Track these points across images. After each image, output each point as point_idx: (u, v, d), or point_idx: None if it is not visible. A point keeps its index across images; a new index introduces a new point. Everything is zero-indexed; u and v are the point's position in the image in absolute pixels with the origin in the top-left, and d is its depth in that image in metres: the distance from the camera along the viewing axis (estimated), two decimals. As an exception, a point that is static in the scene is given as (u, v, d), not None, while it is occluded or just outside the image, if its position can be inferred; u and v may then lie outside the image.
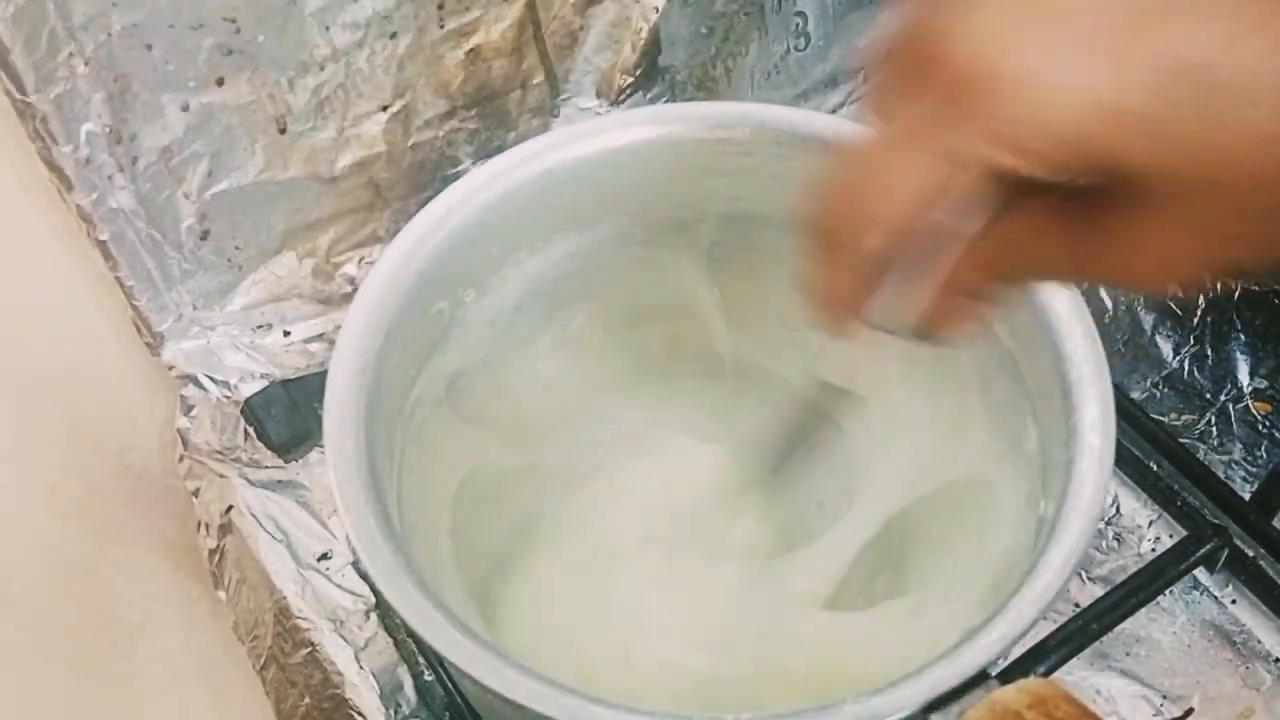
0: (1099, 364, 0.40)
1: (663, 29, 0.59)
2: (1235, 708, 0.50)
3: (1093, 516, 0.37)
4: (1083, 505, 0.38)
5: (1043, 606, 0.36)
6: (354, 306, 0.43)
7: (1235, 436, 0.59)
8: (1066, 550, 0.37)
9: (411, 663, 0.52)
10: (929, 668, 0.35)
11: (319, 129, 0.55)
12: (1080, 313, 0.41)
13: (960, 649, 0.35)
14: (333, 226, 0.58)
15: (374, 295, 0.43)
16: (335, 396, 0.41)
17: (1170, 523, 0.55)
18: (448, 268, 0.46)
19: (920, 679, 0.35)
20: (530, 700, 0.34)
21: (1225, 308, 0.63)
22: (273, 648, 0.55)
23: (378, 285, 0.44)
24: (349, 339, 0.42)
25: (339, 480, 0.39)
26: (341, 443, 0.40)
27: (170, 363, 0.56)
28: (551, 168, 0.47)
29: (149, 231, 0.53)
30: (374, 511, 0.39)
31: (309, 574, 0.54)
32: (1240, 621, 0.52)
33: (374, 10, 0.53)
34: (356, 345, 0.42)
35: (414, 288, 0.44)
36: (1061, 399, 0.40)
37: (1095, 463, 0.38)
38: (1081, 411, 0.39)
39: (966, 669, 0.35)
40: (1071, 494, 0.38)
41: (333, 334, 0.59)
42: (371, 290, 0.43)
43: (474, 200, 0.46)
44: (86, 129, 0.49)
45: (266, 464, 0.58)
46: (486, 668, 0.35)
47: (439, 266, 0.45)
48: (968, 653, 0.35)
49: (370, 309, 0.43)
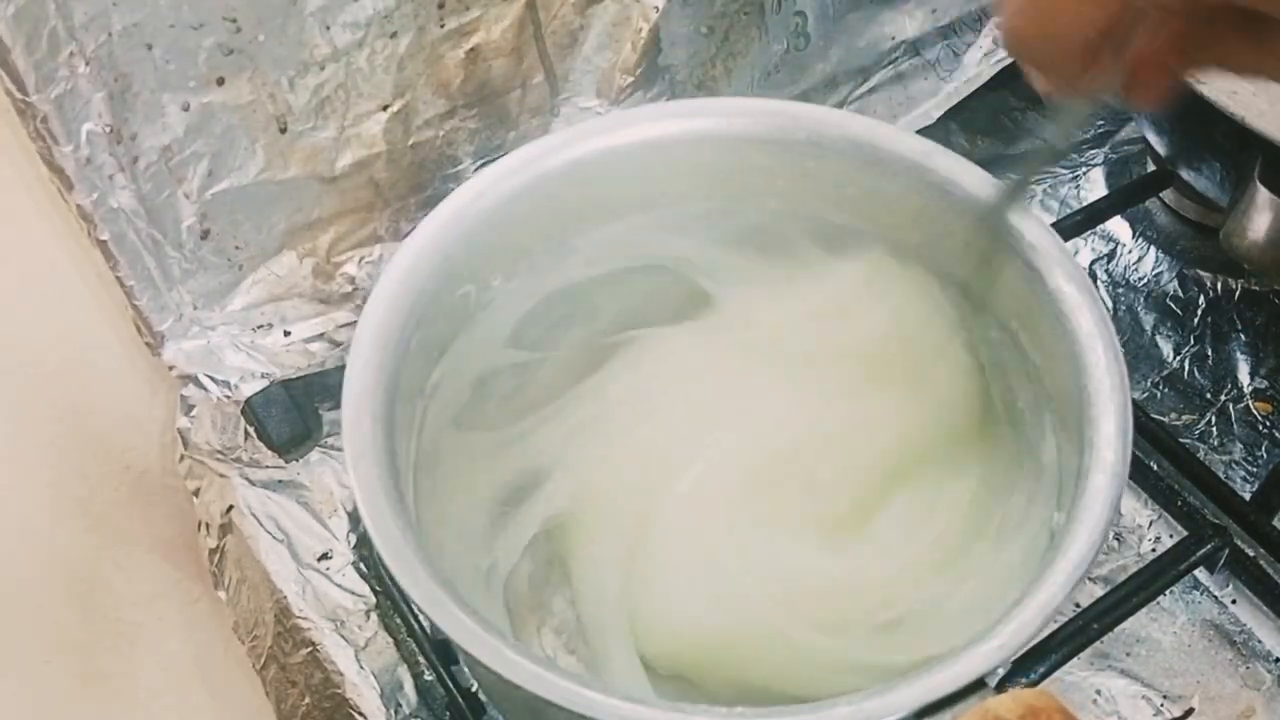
0: (1120, 379, 0.40)
1: (663, 29, 0.59)
2: (1235, 708, 0.50)
3: (1102, 531, 0.37)
4: (1093, 519, 0.37)
5: (1046, 618, 0.36)
6: (377, 287, 0.43)
7: (1236, 436, 0.59)
8: (1073, 563, 0.37)
9: (412, 663, 0.52)
10: (925, 672, 0.35)
11: (319, 129, 0.55)
12: (1104, 327, 0.41)
13: (960, 656, 0.35)
14: (333, 226, 0.58)
15: (398, 276, 0.43)
16: (355, 374, 0.41)
17: (1170, 523, 0.55)
18: (475, 252, 0.46)
19: (915, 684, 0.34)
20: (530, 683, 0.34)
21: (1225, 307, 0.63)
22: (273, 647, 0.55)
23: (403, 266, 0.43)
24: (371, 318, 0.42)
25: (353, 460, 0.39)
26: (358, 423, 0.40)
27: (170, 363, 0.56)
28: (581, 157, 0.47)
29: (149, 231, 0.53)
30: (386, 491, 0.38)
31: (309, 574, 0.54)
32: (1240, 621, 0.53)
33: (374, 10, 0.53)
34: (378, 324, 0.42)
35: (439, 270, 0.44)
36: (1080, 411, 0.40)
37: (1110, 477, 0.38)
38: (1099, 425, 0.39)
39: (963, 676, 0.34)
40: (1082, 507, 0.38)
41: (333, 334, 0.59)
42: (396, 271, 0.43)
43: (503, 185, 0.46)
44: (87, 129, 0.49)
45: (267, 464, 0.58)
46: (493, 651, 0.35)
47: (466, 250, 0.45)
48: (966, 660, 0.35)
49: (393, 291, 0.43)
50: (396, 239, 0.60)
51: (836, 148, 0.47)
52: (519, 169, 0.46)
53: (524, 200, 0.46)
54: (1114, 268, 0.66)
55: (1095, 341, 0.41)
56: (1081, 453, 0.39)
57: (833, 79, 0.69)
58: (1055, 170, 0.71)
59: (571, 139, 0.47)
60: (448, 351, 0.46)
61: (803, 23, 0.65)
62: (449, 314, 0.46)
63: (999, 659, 0.35)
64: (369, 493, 0.38)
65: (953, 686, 0.34)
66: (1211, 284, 0.64)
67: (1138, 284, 0.65)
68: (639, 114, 0.49)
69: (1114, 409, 0.40)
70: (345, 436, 0.39)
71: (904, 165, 0.46)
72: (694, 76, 0.63)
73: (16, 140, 0.48)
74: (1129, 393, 0.40)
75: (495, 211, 0.46)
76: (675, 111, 0.49)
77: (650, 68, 0.61)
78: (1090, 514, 0.38)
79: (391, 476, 0.39)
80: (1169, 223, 0.68)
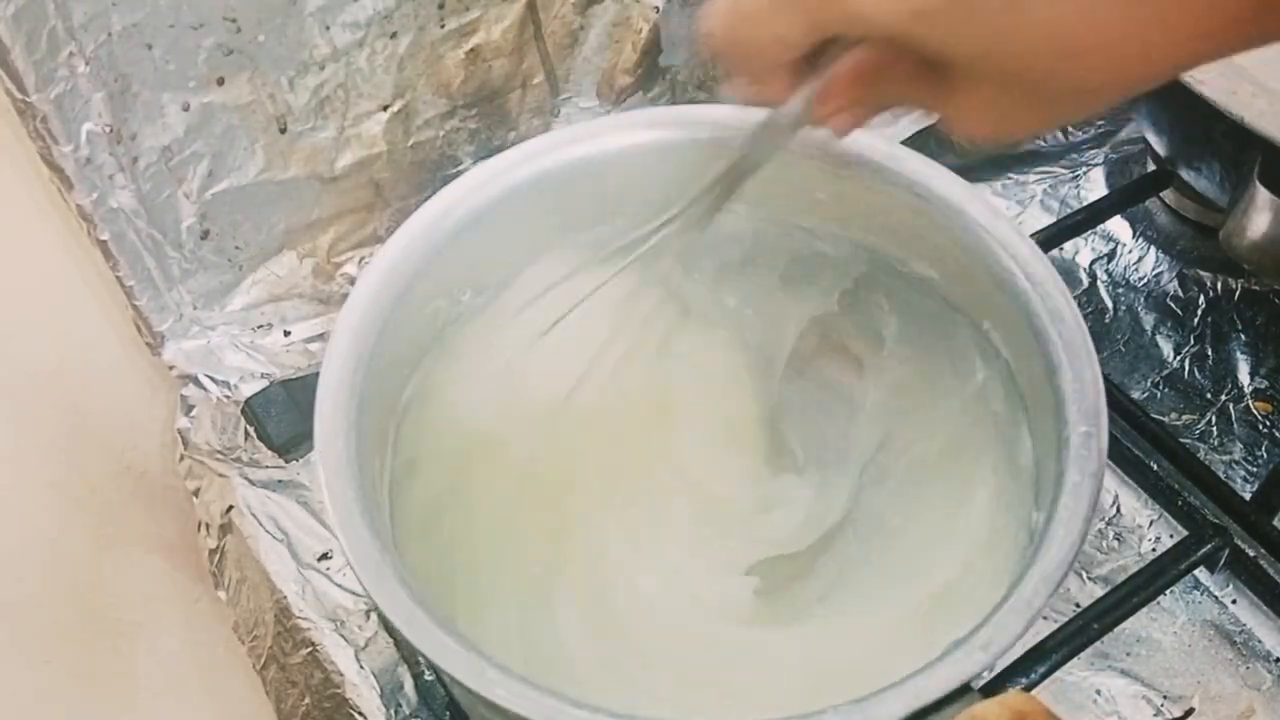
0: (1093, 377, 0.40)
1: (663, 29, 0.59)
2: (1236, 708, 0.50)
3: (1081, 530, 0.37)
4: (1071, 519, 0.37)
5: (1029, 619, 0.35)
6: (348, 304, 0.43)
7: (1236, 436, 0.59)
8: (1054, 563, 0.36)
9: (411, 663, 0.52)
10: (910, 679, 0.34)
11: (319, 129, 0.55)
12: (1077, 325, 0.41)
13: (943, 660, 0.35)
14: (333, 226, 0.58)
15: (369, 293, 0.43)
16: (327, 394, 0.41)
17: (1171, 523, 0.55)
18: (444, 267, 0.46)
19: (901, 691, 0.34)
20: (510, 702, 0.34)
21: (1226, 307, 0.63)
22: (273, 648, 0.55)
23: (373, 283, 0.43)
24: (342, 337, 0.42)
25: (328, 478, 0.39)
26: (332, 441, 0.40)
27: (170, 362, 0.56)
28: (550, 168, 0.47)
29: (149, 231, 0.53)
30: (362, 510, 0.38)
31: (309, 574, 0.54)
32: (1241, 621, 0.52)
33: (374, 10, 0.53)
34: (350, 343, 0.42)
35: (409, 286, 0.44)
36: (1055, 410, 0.40)
37: (1087, 476, 0.38)
38: (1074, 424, 0.39)
39: (949, 681, 0.34)
40: (1061, 507, 0.38)
41: (333, 334, 0.59)
42: (366, 288, 0.43)
43: (471, 200, 0.46)
44: (87, 129, 0.49)
45: (267, 464, 0.58)
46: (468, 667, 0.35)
47: (435, 265, 0.45)
48: (950, 664, 0.35)
49: (365, 306, 0.43)
50: (396, 239, 0.60)
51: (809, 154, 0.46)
52: (487, 181, 0.46)
53: (492, 214, 0.46)
54: (1114, 268, 0.66)
55: (1071, 339, 0.41)
56: (1058, 451, 0.39)
57: (833, 79, 0.69)
58: (1055, 170, 0.71)
59: (536, 151, 0.47)
60: (418, 368, 0.46)
61: (803, 23, 0.65)
62: (419, 329, 0.46)
63: (984, 662, 0.35)
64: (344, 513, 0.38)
65: (938, 693, 0.34)
66: (1211, 284, 0.64)
67: (1138, 284, 0.65)
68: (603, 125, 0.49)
69: (1089, 408, 0.39)
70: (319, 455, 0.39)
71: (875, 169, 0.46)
72: (694, 76, 0.63)
73: (16, 140, 0.48)
74: (1102, 389, 0.40)
75: (463, 226, 0.46)
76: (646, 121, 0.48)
77: (650, 68, 0.61)
78: (1069, 513, 0.37)
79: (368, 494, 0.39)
80: (1169, 223, 0.68)
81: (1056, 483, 0.38)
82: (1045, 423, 0.41)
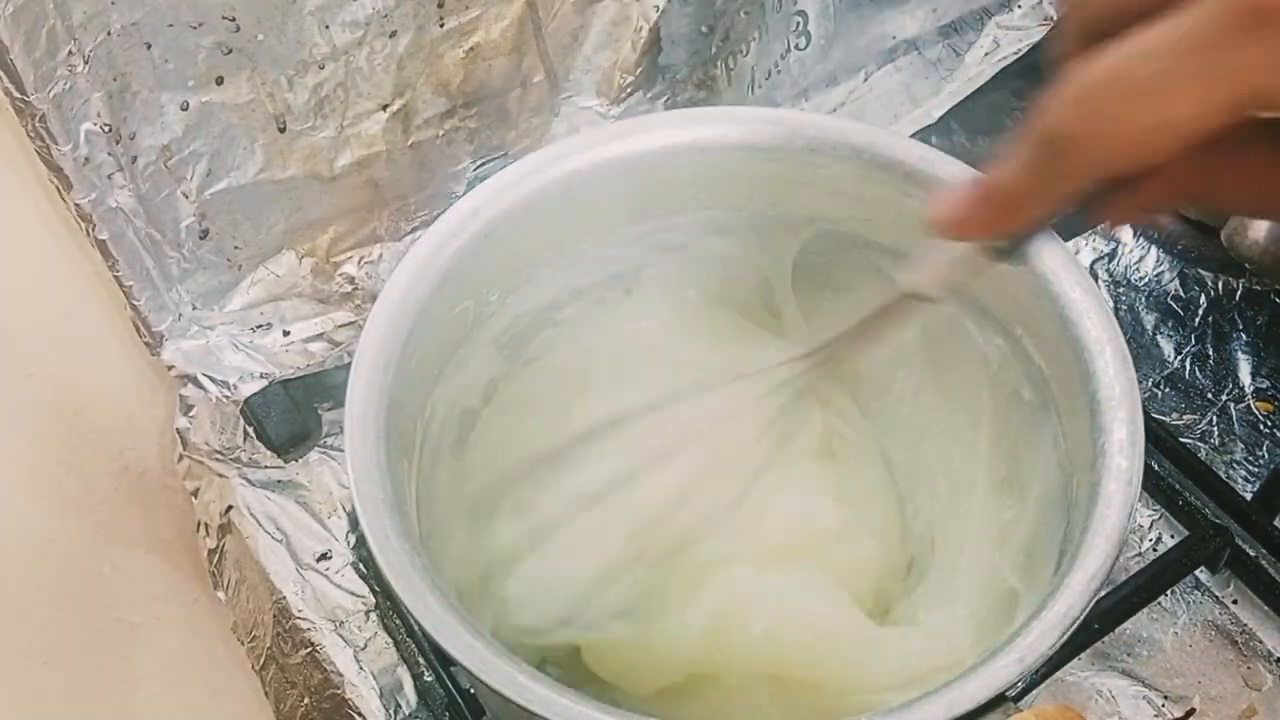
0: (1129, 384, 0.39)
1: (663, 28, 0.59)
2: (1237, 708, 0.50)
3: (1117, 540, 0.36)
4: (1107, 528, 0.37)
5: (1065, 630, 0.35)
6: (378, 305, 0.43)
7: (1237, 436, 0.59)
8: (1089, 573, 0.36)
9: (411, 663, 0.52)
10: (946, 689, 0.34)
11: (319, 128, 0.55)
12: (1112, 332, 0.41)
13: (979, 670, 0.34)
14: (332, 226, 0.58)
15: (397, 293, 0.43)
16: (357, 396, 0.40)
17: (1172, 523, 0.55)
18: (473, 267, 0.45)
19: (936, 700, 0.34)
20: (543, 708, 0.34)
21: (1227, 307, 0.63)
22: (272, 648, 0.55)
23: (402, 283, 0.43)
24: (371, 337, 0.42)
25: (357, 480, 0.39)
26: (362, 443, 0.39)
27: (170, 362, 0.56)
28: (581, 168, 0.46)
29: (148, 231, 0.53)
30: (390, 512, 0.38)
31: (309, 574, 0.54)
32: (1242, 621, 0.52)
33: (373, 9, 0.53)
34: (379, 343, 0.42)
35: (438, 286, 0.44)
36: (1090, 419, 0.39)
37: (1122, 485, 0.37)
38: (1110, 433, 0.38)
39: (984, 691, 0.34)
40: (1097, 516, 0.37)
41: (332, 333, 0.59)
42: (395, 288, 0.43)
43: (501, 199, 0.46)
44: (86, 128, 0.49)
45: (266, 464, 0.58)
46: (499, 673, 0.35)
47: (464, 265, 0.45)
48: (987, 674, 0.34)
49: (394, 307, 0.43)
50: (396, 239, 0.60)
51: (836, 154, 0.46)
52: (517, 182, 0.46)
53: (521, 214, 0.46)
54: (1115, 267, 0.66)
55: (1104, 347, 0.40)
56: (1094, 460, 0.38)
57: (833, 78, 0.69)
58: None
59: (567, 151, 0.47)
60: (445, 369, 0.46)
61: (803, 21, 0.65)
62: (448, 330, 0.46)
63: (1019, 672, 0.34)
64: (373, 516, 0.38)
65: (974, 702, 0.34)
66: (1213, 283, 0.64)
67: (1139, 283, 0.65)
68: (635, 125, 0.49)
69: (1125, 415, 0.39)
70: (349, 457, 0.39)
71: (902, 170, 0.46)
72: (694, 76, 0.63)
73: (15, 140, 0.48)
74: (1139, 398, 0.39)
75: (493, 226, 0.45)
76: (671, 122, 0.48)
77: (650, 67, 0.61)
78: (1105, 522, 0.37)
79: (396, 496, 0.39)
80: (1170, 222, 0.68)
81: (1091, 492, 0.38)
82: (1080, 432, 0.40)
